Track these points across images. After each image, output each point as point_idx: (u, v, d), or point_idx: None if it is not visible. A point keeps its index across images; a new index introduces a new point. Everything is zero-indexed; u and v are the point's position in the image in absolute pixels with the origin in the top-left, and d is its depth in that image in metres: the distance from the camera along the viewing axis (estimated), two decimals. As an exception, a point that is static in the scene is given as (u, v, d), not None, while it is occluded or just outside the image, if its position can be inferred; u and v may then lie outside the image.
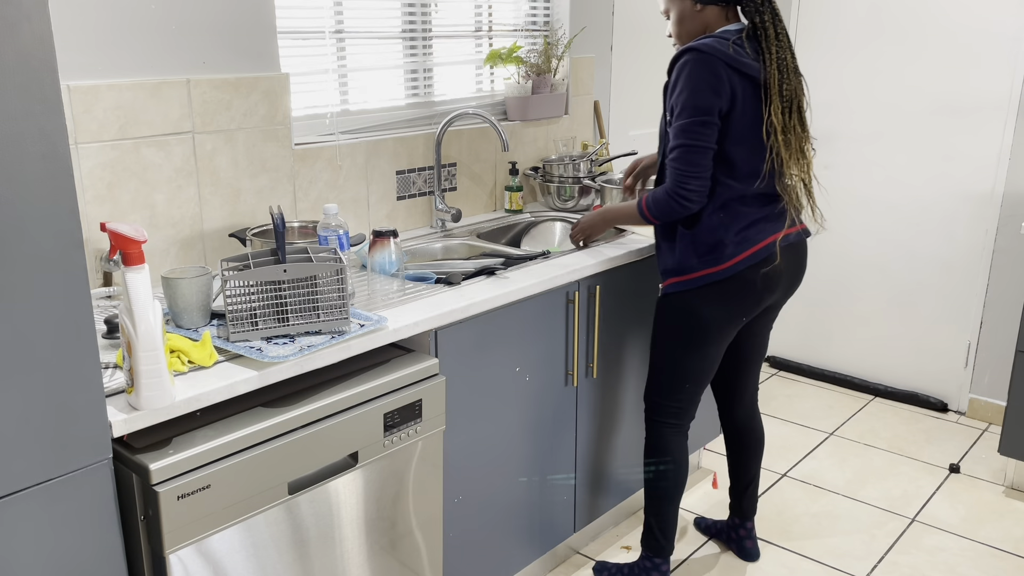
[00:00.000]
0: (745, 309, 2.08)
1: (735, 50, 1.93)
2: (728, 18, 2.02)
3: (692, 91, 1.92)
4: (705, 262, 2.03)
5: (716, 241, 2.01)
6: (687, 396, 2.18)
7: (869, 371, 3.70)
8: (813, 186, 2.08)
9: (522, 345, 2.08)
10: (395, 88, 2.60)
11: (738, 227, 2.01)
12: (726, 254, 2.01)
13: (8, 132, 1.14)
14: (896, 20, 3.34)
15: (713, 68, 1.91)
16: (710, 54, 1.91)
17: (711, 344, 2.11)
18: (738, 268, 2.01)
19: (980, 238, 3.30)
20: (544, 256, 2.26)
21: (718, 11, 2.01)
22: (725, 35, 1.97)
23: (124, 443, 1.39)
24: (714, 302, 2.05)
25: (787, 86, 1.96)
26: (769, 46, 1.95)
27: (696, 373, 2.15)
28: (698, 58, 1.91)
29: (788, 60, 1.97)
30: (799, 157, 2.01)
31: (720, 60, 1.91)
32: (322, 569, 1.66)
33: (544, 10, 3.02)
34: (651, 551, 2.29)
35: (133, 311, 1.30)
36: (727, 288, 2.04)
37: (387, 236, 2.00)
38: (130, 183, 1.93)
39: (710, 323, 2.07)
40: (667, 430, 2.21)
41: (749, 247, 2.01)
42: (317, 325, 1.65)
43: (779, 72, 1.95)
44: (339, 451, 1.61)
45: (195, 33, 1.99)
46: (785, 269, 2.08)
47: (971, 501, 2.85)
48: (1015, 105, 3.12)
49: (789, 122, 1.97)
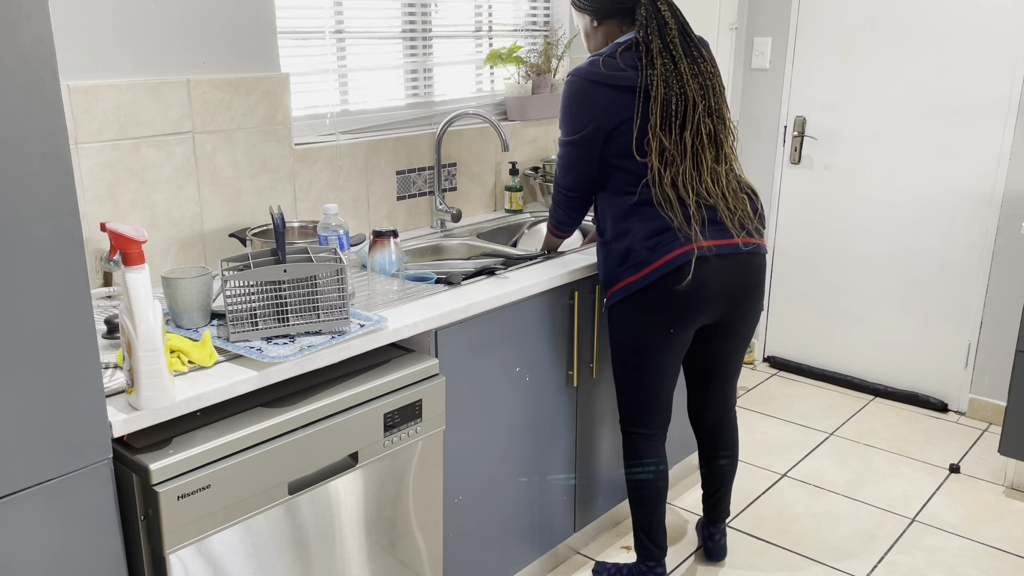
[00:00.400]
0: (670, 321, 2.02)
1: (608, 63, 1.97)
2: (623, 30, 2.06)
3: (565, 113, 2.05)
4: (625, 271, 2.02)
5: (627, 248, 2.00)
6: (646, 405, 2.16)
7: (869, 371, 3.70)
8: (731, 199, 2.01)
9: (522, 345, 2.08)
10: (395, 88, 2.60)
11: (648, 232, 1.98)
12: (640, 260, 1.98)
13: (8, 132, 1.14)
14: (896, 20, 3.34)
15: (585, 91, 2.00)
16: (583, 77, 2.00)
17: (652, 356, 2.08)
18: (653, 276, 1.97)
19: (980, 238, 3.30)
20: (545, 256, 2.27)
21: (615, 25, 2.07)
22: (609, 50, 2.01)
23: (124, 443, 1.39)
24: (638, 313, 2.04)
25: (676, 100, 1.94)
26: (653, 60, 1.95)
27: (647, 384, 2.13)
28: (571, 82, 2.03)
29: (684, 70, 1.95)
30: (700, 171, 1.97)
31: (592, 82, 1.98)
32: (322, 569, 1.66)
33: (544, 10, 3.02)
34: (642, 555, 2.28)
35: (133, 311, 1.30)
36: (650, 297, 2.00)
37: (387, 236, 2.00)
38: (130, 183, 1.93)
39: (640, 336, 2.06)
40: (636, 438, 2.21)
41: (663, 254, 1.97)
42: (317, 325, 1.65)
43: (665, 86, 1.94)
44: (339, 451, 1.61)
45: (195, 33, 1.99)
46: (720, 285, 2.00)
47: (971, 501, 2.85)
48: (1015, 105, 3.12)
49: (684, 137, 1.95)
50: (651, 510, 2.23)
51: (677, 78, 1.95)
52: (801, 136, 3.65)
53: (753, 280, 2.07)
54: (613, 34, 2.08)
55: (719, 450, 2.37)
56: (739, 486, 2.92)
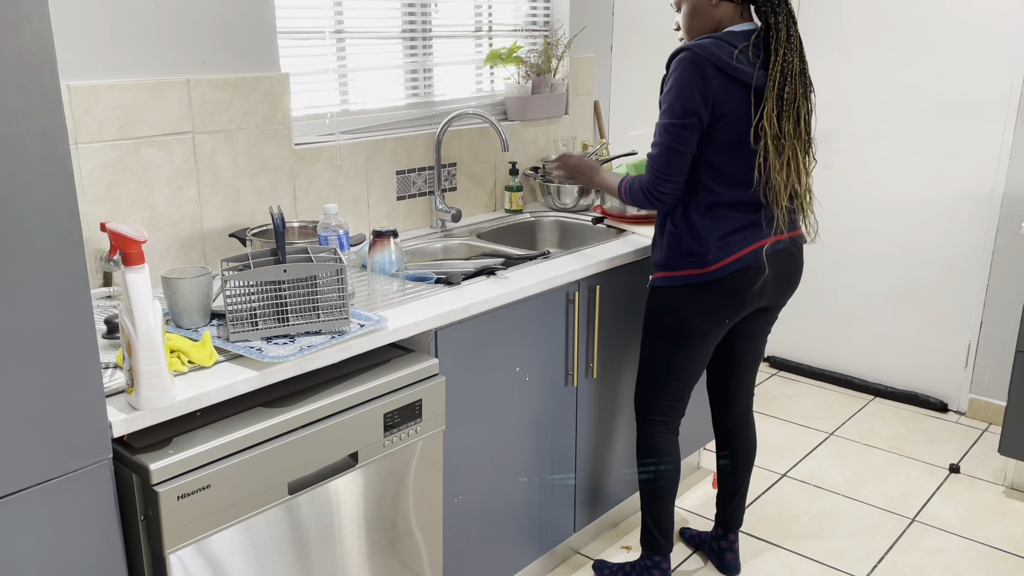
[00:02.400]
0: (728, 313, 2.06)
1: (734, 55, 1.90)
2: (742, 16, 1.98)
3: (679, 92, 1.91)
4: (688, 263, 2.02)
5: (699, 244, 2.00)
6: (674, 394, 2.18)
7: (869, 371, 3.70)
8: (808, 196, 2.03)
9: (522, 345, 2.08)
10: (395, 88, 2.60)
11: (722, 232, 1.99)
12: (709, 258, 1.99)
13: (8, 132, 1.14)
14: (896, 20, 3.33)
15: (703, 71, 1.89)
16: (704, 57, 1.89)
17: (694, 344, 2.10)
18: (720, 273, 1.99)
19: (980, 238, 3.30)
20: (544, 256, 2.26)
21: (732, 8, 1.97)
22: (730, 37, 1.93)
23: (124, 443, 1.39)
24: (696, 303, 2.05)
25: (788, 89, 1.91)
26: (778, 47, 1.90)
27: (681, 372, 2.14)
28: (691, 59, 1.90)
29: (794, 63, 1.92)
30: (794, 164, 1.96)
31: (712, 64, 1.89)
32: (322, 569, 1.66)
33: (544, 10, 3.02)
34: (650, 549, 2.29)
35: (133, 311, 1.30)
36: (709, 292, 2.02)
37: (387, 236, 2.00)
38: (130, 183, 1.93)
39: (692, 324, 2.07)
40: (657, 428, 2.21)
41: (733, 252, 1.99)
42: (317, 325, 1.65)
43: (781, 75, 1.90)
44: (339, 451, 1.61)
45: (195, 33, 1.99)
46: (773, 276, 2.05)
47: (971, 501, 2.84)
48: (1015, 105, 3.12)
49: (785, 127, 1.93)
50: (664, 502, 2.24)
51: (791, 70, 1.91)
52: (801, 136, 3.65)
53: (799, 268, 2.16)
54: (726, 19, 1.98)
55: (745, 450, 2.36)
56: (739, 486, 2.92)
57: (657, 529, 2.26)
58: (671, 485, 2.24)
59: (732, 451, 2.36)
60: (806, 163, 2.01)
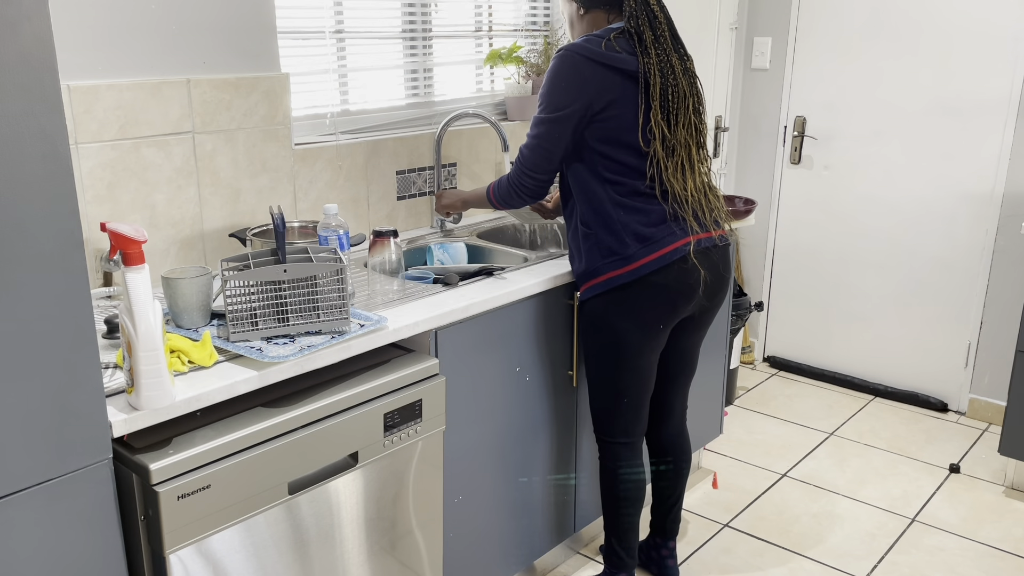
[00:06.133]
0: (660, 318, 1.99)
1: (607, 46, 1.91)
2: (610, 20, 2.02)
3: (551, 88, 1.93)
4: (609, 265, 1.96)
5: (617, 240, 1.95)
6: (629, 411, 2.10)
7: (869, 371, 3.70)
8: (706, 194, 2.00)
9: (522, 345, 2.08)
10: (395, 88, 2.60)
11: (640, 223, 1.94)
12: (629, 254, 1.94)
13: (8, 132, 1.14)
14: (896, 20, 3.34)
15: (577, 66, 1.90)
16: (574, 52, 1.91)
17: (635, 356, 2.03)
18: (644, 271, 1.93)
19: (980, 238, 3.30)
20: (544, 257, 2.26)
21: (601, 14, 2.02)
22: (603, 32, 1.95)
23: (124, 443, 1.39)
24: (626, 310, 1.98)
25: (672, 91, 1.92)
26: (647, 49, 1.91)
27: (629, 387, 2.07)
28: (562, 55, 1.92)
29: (675, 64, 1.93)
30: (687, 164, 1.95)
31: (587, 59, 1.90)
32: (322, 569, 1.66)
33: (544, 10, 3.02)
34: (613, 566, 2.24)
35: (133, 311, 1.30)
36: (636, 294, 1.96)
37: (387, 236, 2.00)
38: (130, 183, 1.93)
39: (627, 336, 2.00)
40: (620, 450, 2.14)
41: (654, 250, 1.93)
42: (317, 325, 1.65)
43: (662, 76, 1.90)
44: (339, 451, 1.61)
45: (195, 33, 1.99)
46: (704, 275, 1.98)
47: (971, 501, 2.85)
48: (1015, 105, 3.12)
49: (675, 128, 1.93)
50: (629, 520, 2.19)
51: (670, 70, 1.92)
52: (801, 136, 3.66)
53: (728, 271, 2.10)
54: (599, 24, 2.03)
55: (682, 461, 2.30)
56: (739, 486, 2.92)
57: (620, 545, 2.21)
58: (636, 503, 2.17)
59: (668, 461, 2.30)
60: (700, 162, 2.00)
